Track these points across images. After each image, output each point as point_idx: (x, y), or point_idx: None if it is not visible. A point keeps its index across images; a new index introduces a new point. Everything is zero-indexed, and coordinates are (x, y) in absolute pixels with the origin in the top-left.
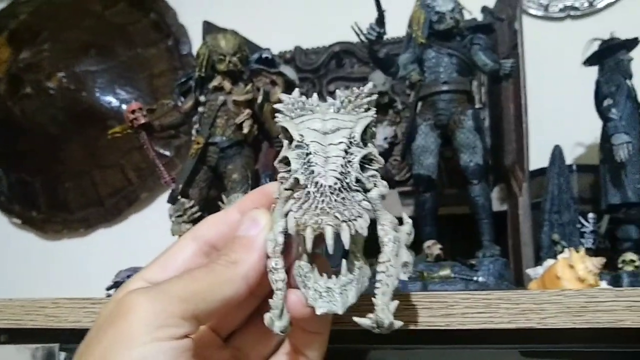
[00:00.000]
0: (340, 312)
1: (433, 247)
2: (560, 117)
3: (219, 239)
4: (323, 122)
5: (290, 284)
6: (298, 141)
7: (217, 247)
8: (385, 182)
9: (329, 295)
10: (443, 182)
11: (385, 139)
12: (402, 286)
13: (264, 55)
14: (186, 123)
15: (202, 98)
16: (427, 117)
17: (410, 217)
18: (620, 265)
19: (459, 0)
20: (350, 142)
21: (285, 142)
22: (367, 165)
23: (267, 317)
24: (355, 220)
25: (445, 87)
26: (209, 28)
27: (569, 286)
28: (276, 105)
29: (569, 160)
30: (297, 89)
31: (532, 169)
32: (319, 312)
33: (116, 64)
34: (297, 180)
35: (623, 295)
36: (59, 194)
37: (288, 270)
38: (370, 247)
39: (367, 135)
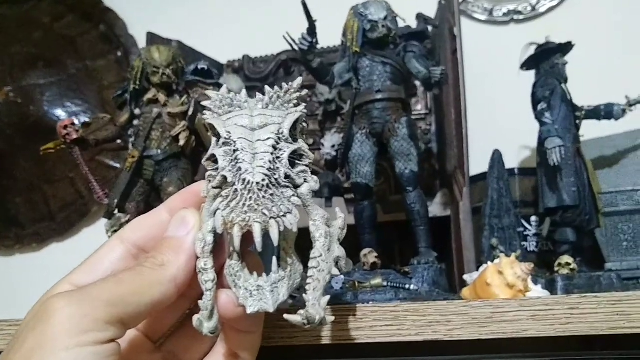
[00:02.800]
0: (271, 310)
1: (369, 256)
2: (503, 121)
3: (147, 240)
4: (251, 118)
5: (222, 284)
6: (225, 138)
7: (145, 249)
8: (316, 178)
9: (260, 293)
10: (390, 189)
11: (333, 146)
12: (333, 291)
13: (199, 66)
14: (122, 136)
15: (137, 111)
16: (362, 125)
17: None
18: (556, 269)
19: (392, 8)
20: (279, 138)
21: (213, 139)
22: (297, 161)
23: (195, 318)
24: (284, 216)
25: (379, 96)
26: (153, 39)
27: (498, 292)
28: (204, 102)
29: (513, 163)
30: (224, 86)
31: (475, 173)
32: (249, 310)
33: (65, 76)
34: (224, 177)
35: (527, 305)
36: (10, 209)
37: (220, 270)
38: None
39: (296, 131)
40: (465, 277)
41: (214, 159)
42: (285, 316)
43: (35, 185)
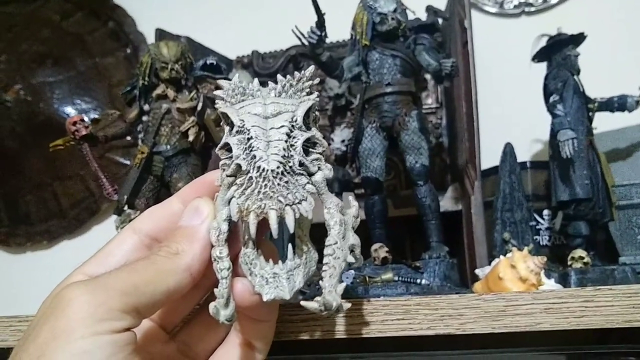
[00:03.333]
0: (287, 297)
1: (380, 251)
2: (514, 114)
3: (160, 230)
4: (264, 106)
5: (237, 273)
6: (239, 126)
7: (158, 240)
8: (329, 166)
9: (276, 281)
10: (400, 184)
11: (343, 141)
12: (348, 282)
13: (208, 62)
14: (132, 133)
15: (146, 107)
16: (372, 119)
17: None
18: (569, 263)
19: (402, 0)
20: (293, 126)
21: (227, 128)
22: (310, 149)
23: (212, 306)
24: (299, 203)
25: (389, 89)
26: (162, 35)
27: (510, 286)
28: (216, 92)
29: (525, 157)
30: (237, 74)
31: (487, 167)
32: (265, 298)
33: (74, 74)
34: (238, 166)
35: (541, 298)
36: (21, 207)
37: (234, 259)
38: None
39: (309, 119)
40: (477, 271)
41: (227, 148)
42: (302, 303)
43: (45, 183)
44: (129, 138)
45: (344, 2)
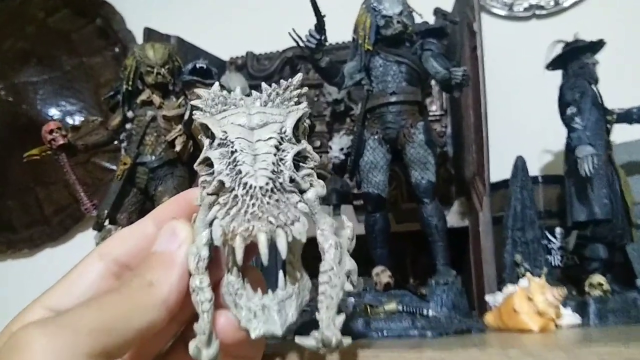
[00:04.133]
0: (279, 333)
1: (382, 275)
2: (525, 124)
3: (130, 256)
4: (249, 116)
5: (219, 304)
6: (221, 139)
7: (129, 266)
8: (322, 182)
9: (265, 314)
10: (402, 196)
11: (342, 149)
12: (348, 312)
13: (198, 65)
14: (114, 141)
15: (130, 114)
16: (375, 130)
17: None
18: (587, 290)
19: (408, 2)
20: (282, 138)
21: (206, 141)
22: (301, 164)
23: (192, 346)
24: (292, 224)
25: (393, 98)
26: (151, 35)
27: (527, 321)
28: (194, 102)
29: (534, 170)
30: (217, 83)
31: (495, 180)
32: (254, 335)
33: (59, 74)
34: (221, 183)
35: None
36: (2, 213)
37: (215, 288)
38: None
39: (299, 131)
40: (487, 298)
41: (208, 163)
42: (297, 340)
43: (28, 188)
44: (116, 143)
45: (345, 1)
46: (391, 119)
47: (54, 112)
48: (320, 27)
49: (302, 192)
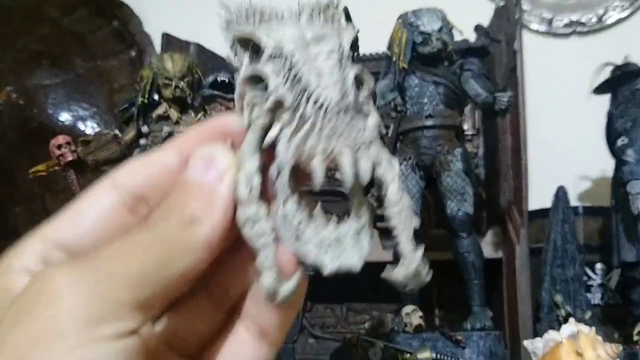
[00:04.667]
0: (358, 266)
1: (412, 316)
2: (566, 150)
3: (148, 189)
4: (300, 29)
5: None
6: (275, 50)
7: (146, 200)
8: (376, 111)
9: (340, 246)
10: (430, 220)
11: None
12: (375, 356)
13: (220, 79)
14: (127, 157)
15: (144, 128)
16: (407, 155)
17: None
18: (635, 338)
19: (448, 18)
20: (342, 54)
21: (245, 56)
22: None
23: (266, 282)
24: (369, 148)
25: (429, 122)
26: (169, 41)
27: None
28: (222, 15)
29: (574, 200)
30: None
31: (532, 208)
32: (329, 269)
33: (72, 77)
34: (279, 101)
35: None
36: (9, 219)
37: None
38: None
39: (353, 51)
40: (525, 344)
41: (254, 80)
42: (384, 275)
43: (36, 194)
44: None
45: (380, 8)
46: (426, 144)
47: (65, 116)
48: (353, 42)
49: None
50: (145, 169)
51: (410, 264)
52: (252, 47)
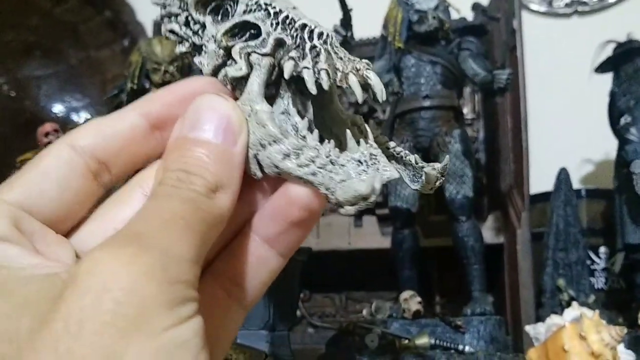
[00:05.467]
0: (397, 175)
1: (411, 302)
2: (567, 132)
3: (111, 154)
4: None
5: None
6: (250, 4)
7: (108, 166)
8: None
9: (377, 163)
10: (430, 206)
11: None
12: (373, 343)
13: None
14: None
15: None
16: (405, 137)
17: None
18: None
19: None
20: None
21: (204, 18)
22: None
23: (364, 185)
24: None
25: (427, 103)
26: (161, 28)
27: None
28: None
29: (577, 183)
30: None
31: (534, 192)
32: (379, 183)
33: (64, 67)
34: (280, 41)
35: None
36: None
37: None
38: None
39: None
40: (527, 329)
41: (236, 30)
42: (427, 169)
43: None
44: None
45: None
46: (423, 126)
47: (58, 108)
48: (346, 22)
49: None
50: (104, 133)
51: (434, 165)
52: (212, 9)
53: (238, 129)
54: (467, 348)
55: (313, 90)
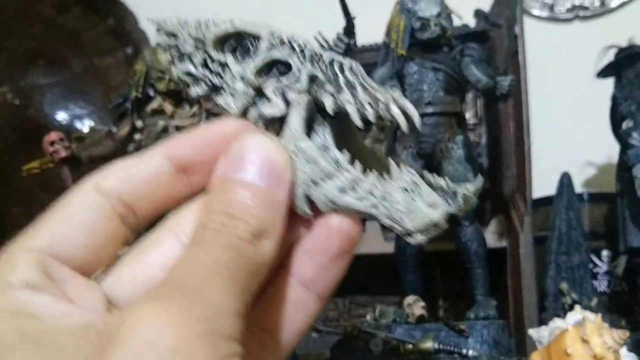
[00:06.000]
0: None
1: (414, 306)
2: (570, 136)
3: (138, 198)
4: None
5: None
6: (271, 40)
7: (134, 210)
8: None
9: (419, 190)
10: None
11: None
12: (377, 347)
13: None
14: (122, 153)
15: (139, 123)
16: (407, 144)
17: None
18: None
19: (447, 3)
20: None
21: (224, 56)
22: None
23: (436, 214)
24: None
25: (429, 109)
26: None
27: None
28: (163, 25)
29: (579, 187)
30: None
31: (537, 196)
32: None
33: (68, 75)
34: (312, 76)
35: None
36: (6, 220)
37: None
38: None
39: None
40: (530, 332)
41: (268, 67)
42: (470, 188)
43: (33, 195)
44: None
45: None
46: (427, 132)
47: (62, 116)
48: (349, 30)
49: None
50: (131, 176)
51: (465, 186)
52: (232, 47)
53: (284, 170)
54: (470, 352)
55: (359, 123)
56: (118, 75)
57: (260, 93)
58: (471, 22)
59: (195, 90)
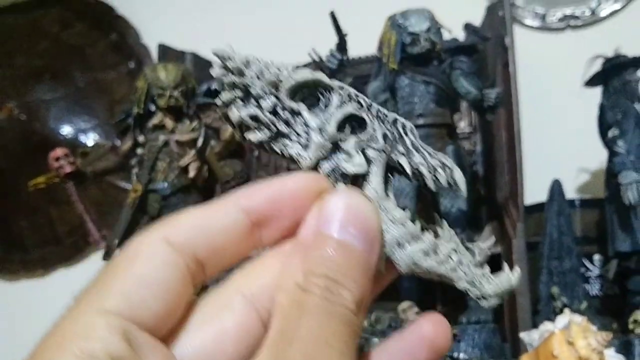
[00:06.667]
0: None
1: (409, 312)
2: (561, 144)
3: (211, 253)
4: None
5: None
6: (342, 93)
7: (204, 266)
8: None
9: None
10: (427, 219)
11: None
12: None
13: (213, 87)
14: (124, 167)
15: (141, 138)
16: None
17: None
18: (630, 327)
19: (436, 17)
20: None
21: (297, 105)
22: None
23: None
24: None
25: (420, 121)
26: (165, 52)
27: None
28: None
29: (571, 193)
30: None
31: (529, 203)
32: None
33: (72, 90)
34: (384, 134)
35: None
36: (14, 232)
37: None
38: None
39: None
40: (522, 335)
41: (342, 124)
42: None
43: (40, 207)
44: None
45: (369, 12)
46: None
47: (67, 130)
48: (342, 46)
49: None
50: (206, 227)
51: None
52: (303, 97)
53: (378, 234)
54: (462, 355)
55: (433, 187)
56: (121, 89)
57: (336, 147)
58: (460, 35)
59: (257, 136)
